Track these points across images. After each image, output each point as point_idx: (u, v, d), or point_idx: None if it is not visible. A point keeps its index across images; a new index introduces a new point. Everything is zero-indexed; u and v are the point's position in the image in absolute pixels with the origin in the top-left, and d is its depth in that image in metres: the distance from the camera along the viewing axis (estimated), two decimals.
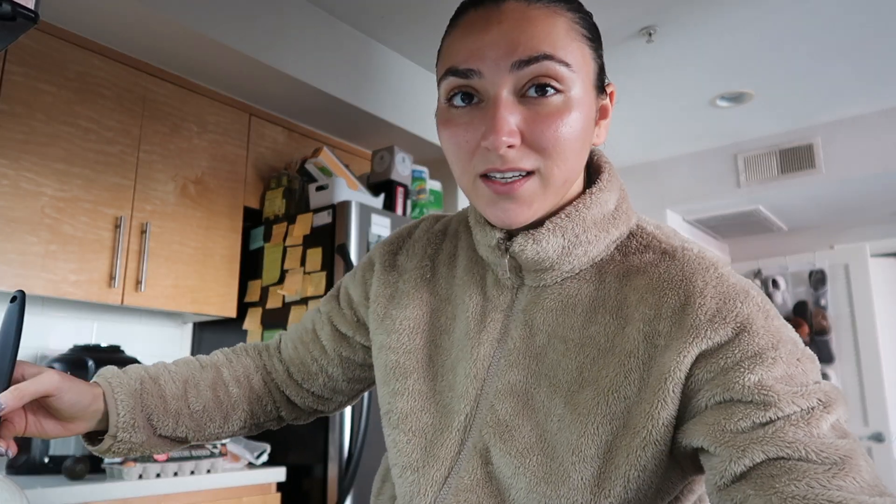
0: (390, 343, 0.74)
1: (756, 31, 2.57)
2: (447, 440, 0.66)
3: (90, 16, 1.99)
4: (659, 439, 0.58)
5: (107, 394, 0.73)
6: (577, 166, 0.63)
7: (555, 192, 0.62)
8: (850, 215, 4.03)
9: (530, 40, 0.58)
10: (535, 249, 0.63)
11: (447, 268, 0.76)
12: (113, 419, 0.72)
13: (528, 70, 0.58)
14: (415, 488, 0.67)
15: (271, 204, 2.50)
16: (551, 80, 0.58)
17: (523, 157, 0.59)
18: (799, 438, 0.51)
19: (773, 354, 0.55)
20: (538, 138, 0.58)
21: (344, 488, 1.98)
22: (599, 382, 0.60)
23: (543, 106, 0.59)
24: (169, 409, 0.77)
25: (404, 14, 2.50)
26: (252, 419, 0.86)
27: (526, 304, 0.67)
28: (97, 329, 2.31)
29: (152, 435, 0.76)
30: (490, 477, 0.64)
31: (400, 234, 0.82)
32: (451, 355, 0.70)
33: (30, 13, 0.57)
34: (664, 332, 0.59)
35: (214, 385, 0.82)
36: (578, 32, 0.61)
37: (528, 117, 0.59)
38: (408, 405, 0.70)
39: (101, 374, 0.76)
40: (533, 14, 0.59)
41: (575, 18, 0.62)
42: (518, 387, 0.64)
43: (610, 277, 0.65)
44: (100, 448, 0.74)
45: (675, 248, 0.65)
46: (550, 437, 0.61)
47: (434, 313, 0.74)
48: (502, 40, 0.58)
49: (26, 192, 1.90)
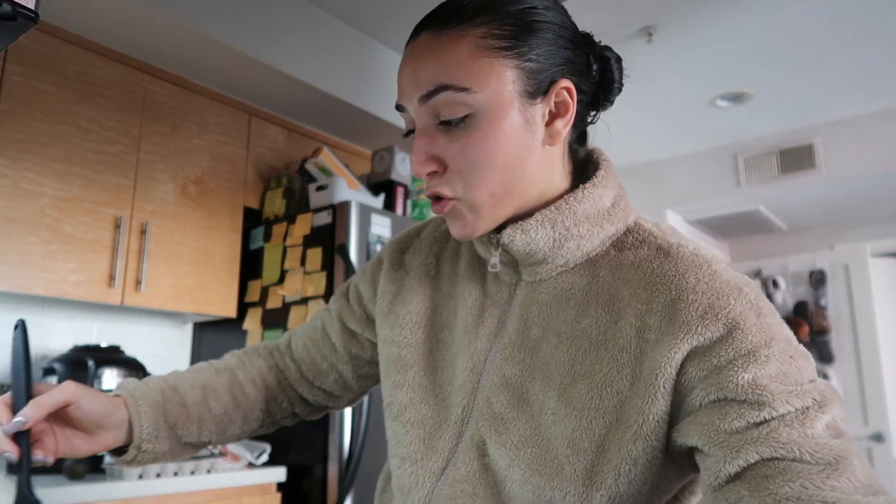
0: (393, 337, 0.76)
1: (756, 31, 2.57)
2: (445, 432, 0.68)
3: (90, 16, 1.99)
4: (650, 434, 0.58)
5: (129, 405, 0.74)
6: (517, 178, 0.63)
7: (490, 209, 0.64)
8: (850, 215, 4.03)
9: (429, 74, 0.61)
10: (524, 240, 0.64)
11: (450, 265, 0.78)
12: (137, 431, 0.74)
13: (431, 103, 0.61)
14: (413, 479, 0.68)
15: (271, 204, 2.50)
16: (451, 110, 0.61)
17: (444, 183, 0.63)
18: (793, 439, 0.51)
19: (766, 352, 0.55)
20: (455, 164, 0.62)
21: (344, 488, 1.98)
22: (593, 376, 0.61)
23: (454, 133, 0.62)
24: (191, 416, 0.79)
25: (404, 14, 2.50)
26: (269, 418, 0.88)
27: (523, 300, 0.68)
28: (97, 329, 2.31)
29: (177, 444, 0.78)
30: (486, 468, 0.65)
31: (408, 233, 0.84)
32: (451, 350, 0.72)
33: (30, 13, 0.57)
34: (654, 326, 0.59)
35: (232, 388, 0.84)
36: (488, 47, 0.60)
37: (446, 144, 0.62)
38: (407, 397, 0.72)
39: (122, 387, 0.77)
40: (438, 44, 0.61)
41: (485, 32, 0.61)
42: (513, 380, 0.65)
43: (604, 272, 0.65)
44: (124, 459, 0.75)
45: (670, 245, 0.65)
46: (545, 429, 0.62)
47: (436, 309, 0.75)
48: (412, 76, 0.63)
49: (26, 192, 1.90)
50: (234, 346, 2.43)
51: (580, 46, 0.66)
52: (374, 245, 2.21)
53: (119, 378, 1.96)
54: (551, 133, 0.64)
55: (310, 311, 2.18)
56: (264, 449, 2.14)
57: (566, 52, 0.64)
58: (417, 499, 0.67)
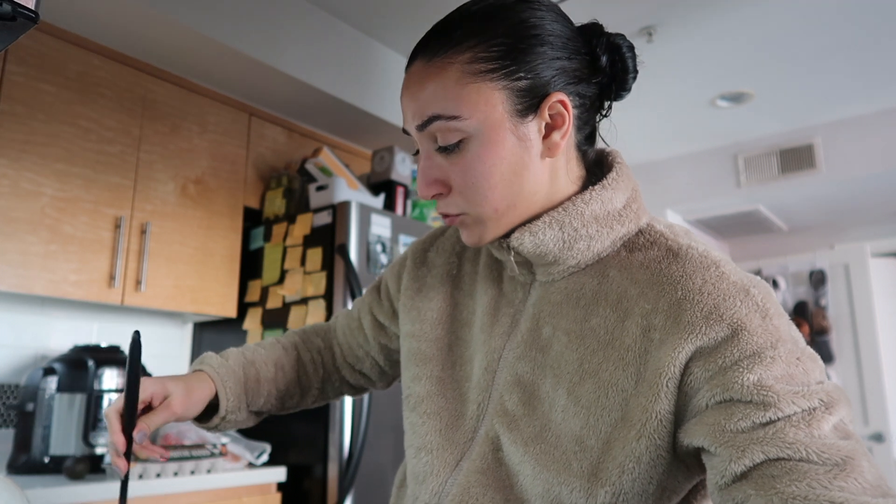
0: (414, 331, 0.79)
1: (756, 31, 2.57)
2: (462, 426, 0.71)
3: (90, 16, 1.99)
4: (653, 433, 0.58)
5: (216, 382, 0.83)
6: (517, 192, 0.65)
7: (495, 220, 0.66)
8: (850, 215, 4.03)
9: (420, 105, 0.64)
10: (532, 241, 0.66)
11: (471, 264, 0.81)
12: (223, 404, 0.83)
13: (426, 132, 0.65)
14: (428, 468, 0.71)
15: (271, 204, 2.50)
16: (445, 136, 0.64)
17: (450, 204, 0.67)
18: (800, 439, 0.51)
19: (771, 353, 0.55)
20: (456, 185, 0.65)
21: (344, 488, 1.98)
22: (600, 375, 0.62)
23: (453, 157, 0.65)
24: (261, 390, 0.88)
25: (404, 14, 2.50)
26: (321, 394, 0.96)
27: (536, 299, 0.70)
28: (97, 329, 2.31)
29: (247, 412, 0.87)
30: (499, 462, 0.67)
31: (434, 232, 0.88)
32: (469, 347, 0.74)
33: (30, 13, 0.57)
34: (659, 326, 0.60)
35: (296, 366, 0.93)
36: (474, 72, 0.62)
37: (446, 167, 0.66)
38: (424, 389, 0.75)
39: (209, 365, 0.85)
40: (427, 74, 0.64)
41: (470, 58, 0.63)
42: (525, 378, 0.67)
43: (613, 272, 0.66)
44: (208, 425, 0.85)
45: (680, 246, 0.65)
46: (554, 427, 0.63)
47: (457, 307, 0.78)
48: (408, 107, 0.66)
49: (26, 192, 1.90)
50: (234, 346, 2.43)
51: (578, 50, 0.66)
52: (375, 245, 2.21)
53: (119, 378, 1.96)
54: (549, 146, 0.65)
55: (310, 311, 2.18)
56: (264, 449, 2.14)
57: (560, 62, 0.64)
58: (432, 487, 0.70)
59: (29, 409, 1.85)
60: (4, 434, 2.04)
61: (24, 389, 1.90)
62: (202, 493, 1.88)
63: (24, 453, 1.83)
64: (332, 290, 2.15)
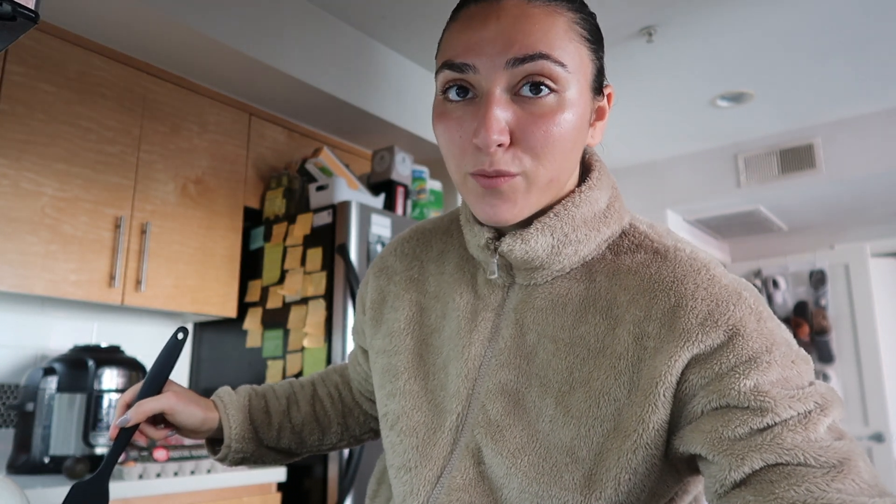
0: (383, 346, 0.75)
1: (756, 31, 2.57)
2: (440, 439, 0.66)
3: (90, 16, 1.99)
4: (650, 443, 0.57)
5: (220, 410, 0.84)
6: (567, 167, 0.62)
7: (539, 191, 0.61)
8: (850, 215, 4.03)
9: (527, 38, 0.58)
10: (523, 249, 0.63)
11: (436, 265, 0.76)
12: (227, 432, 0.83)
13: (522, 68, 0.58)
14: (408, 488, 0.67)
15: (271, 204, 2.50)
16: (546, 80, 0.58)
17: (511, 160, 0.59)
18: (797, 443, 0.51)
19: (767, 358, 0.55)
20: (528, 137, 0.58)
21: (344, 488, 1.98)
22: (591, 384, 0.60)
23: (536, 105, 0.58)
24: (272, 423, 0.87)
25: (404, 14, 2.50)
26: (348, 432, 0.93)
27: (517, 303, 0.67)
28: (97, 329, 2.31)
29: (260, 446, 0.86)
30: (482, 476, 0.63)
31: (392, 242, 0.85)
32: (441, 354, 0.70)
33: (30, 13, 0.57)
34: (653, 333, 0.59)
35: (312, 401, 0.92)
36: (577, 33, 0.61)
37: (520, 116, 0.58)
38: (399, 405, 0.70)
39: (216, 394, 0.87)
40: (532, 12, 0.59)
41: (575, 19, 0.61)
42: (509, 386, 0.64)
43: (601, 277, 0.65)
44: (219, 456, 0.85)
45: (667, 248, 0.64)
46: (542, 437, 0.61)
47: (423, 312, 0.74)
48: (499, 37, 0.58)
49: (26, 192, 1.90)
50: (234, 345, 2.44)
51: None
52: (374, 245, 2.21)
53: (119, 378, 1.96)
54: (593, 133, 0.66)
55: (310, 310, 2.18)
56: None
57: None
58: None
59: (29, 409, 1.86)
60: (4, 434, 2.04)
61: (24, 389, 1.91)
62: (202, 492, 1.88)
63: (24, 453, 1.83)
64: (332, 290, 2.15)
